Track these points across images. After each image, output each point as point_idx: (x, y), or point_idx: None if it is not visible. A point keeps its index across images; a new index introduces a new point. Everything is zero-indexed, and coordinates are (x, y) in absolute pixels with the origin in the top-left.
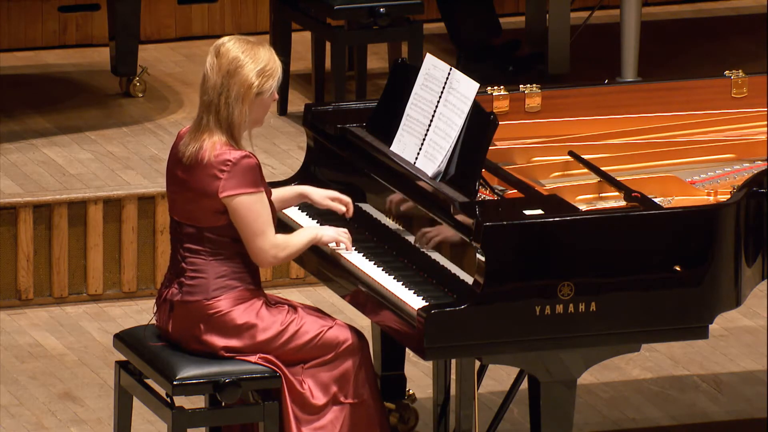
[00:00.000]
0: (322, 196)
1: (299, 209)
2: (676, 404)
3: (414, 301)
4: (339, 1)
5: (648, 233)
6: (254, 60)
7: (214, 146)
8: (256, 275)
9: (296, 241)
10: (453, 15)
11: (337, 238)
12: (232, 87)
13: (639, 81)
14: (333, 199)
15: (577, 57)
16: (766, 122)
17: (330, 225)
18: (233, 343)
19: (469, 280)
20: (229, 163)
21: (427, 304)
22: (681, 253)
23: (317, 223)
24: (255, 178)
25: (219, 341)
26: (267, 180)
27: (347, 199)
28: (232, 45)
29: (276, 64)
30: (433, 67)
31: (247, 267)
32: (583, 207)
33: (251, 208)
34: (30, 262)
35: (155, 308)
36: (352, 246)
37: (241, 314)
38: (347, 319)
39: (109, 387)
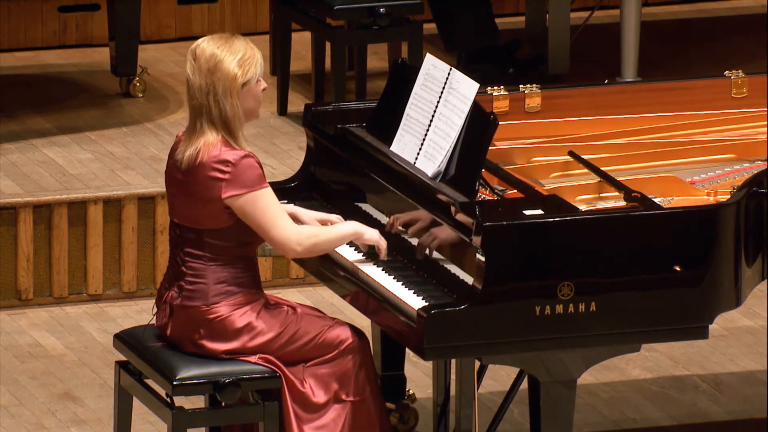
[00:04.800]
0: (310, 218)
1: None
2: (676, 404)
3: (414, 301)
4: (339, 1)
5: (648, 233)
6: (231, 52)
7: (210, 147)
8: (257, 279)
9: (328, 232)
10: (448, 20)
11: (379, 242)
12: (218, 83)
13: (639, 81)
14: (321, 222)
15: (577, 57)
16: (766, 122)
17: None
18: (233, 346)
19: (469, 280)
20: (228, 163)
21: (427, 304)
22: (681, 253)
23: None
24: (257, 176)
25: (219, 346)
26: (267, 180)
27: (336, 218)
28: (206, 44)
29: (253, 51)
30: (433, 67)
31: (248, 271)
32: (583, 207)
33: (258, 203)
34: (30, 262)
35: (155, 308)
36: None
37: (240, 318)
38: (347, 319)
39: (109, 387)
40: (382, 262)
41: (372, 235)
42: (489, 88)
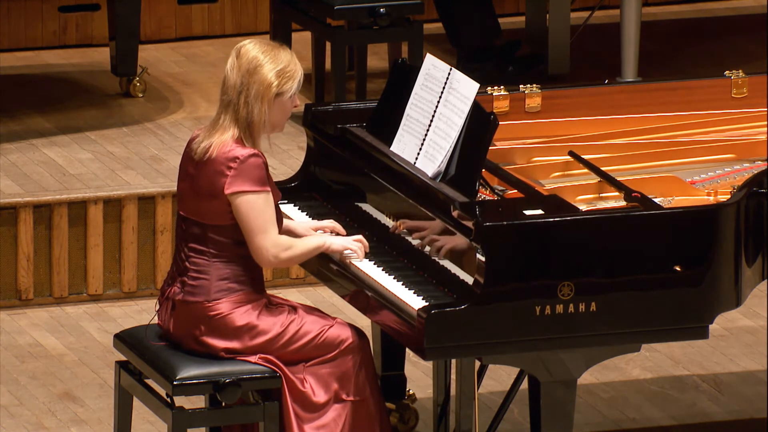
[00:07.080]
0: (306, 228)
1: (299, 209)
2: (676, 404)
3: (414, 301)
4: (339, 1)
5: (648, 233)
6: (274, 60)
7: (223, 143)
8: (260, 278)
9: (302, 245)
10: (453, 18)
11: (346, 246)
12: (252, 85)
13: (639, 81)
14: (315, 230)
15: (577, 57)
16: (766, 122)
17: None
18: (233, 344)
19: (469, 280)
20: (237, 159)
21: (427, 304)
22: (681, 253)
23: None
24: (261, 177)
25: (219, 343)
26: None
27: (329, 224)
28: (252, 46)
29: (296, 67)
30: (433, 67)
31: (250, 270)
32: (583, 207)
33: (254, 206)
34: (30, 262)
35: (157, 305)
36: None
37: (241, 316)
38: (347, 319)
39: (109, 387)
40: (383, 262)
41: (338, 246)
42: (489, 88)
